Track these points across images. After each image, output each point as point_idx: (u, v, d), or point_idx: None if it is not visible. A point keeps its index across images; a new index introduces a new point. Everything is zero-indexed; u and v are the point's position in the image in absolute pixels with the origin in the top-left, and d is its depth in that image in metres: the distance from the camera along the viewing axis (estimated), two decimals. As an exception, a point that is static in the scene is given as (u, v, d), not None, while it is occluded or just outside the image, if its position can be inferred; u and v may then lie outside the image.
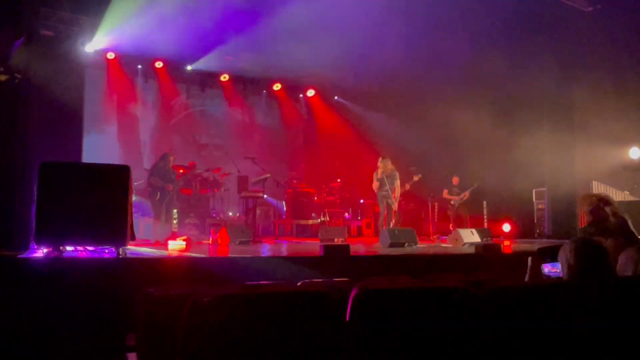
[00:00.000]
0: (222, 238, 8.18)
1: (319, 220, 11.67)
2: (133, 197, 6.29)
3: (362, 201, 13.05)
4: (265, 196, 10.52)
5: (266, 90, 13.56)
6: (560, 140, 10.92)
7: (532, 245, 7.63)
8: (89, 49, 10.22)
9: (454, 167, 11.87)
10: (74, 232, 5.24)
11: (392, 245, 8.01)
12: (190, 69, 11.75)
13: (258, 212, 10.38)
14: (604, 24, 9.51)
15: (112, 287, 4.59)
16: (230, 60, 12.08)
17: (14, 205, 5.90)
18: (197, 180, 10.70)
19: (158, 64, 11.54)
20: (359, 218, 13.01)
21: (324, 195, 12.24)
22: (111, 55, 10.80)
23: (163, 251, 6.69)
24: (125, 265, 5.15)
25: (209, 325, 2.05)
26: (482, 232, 9.29)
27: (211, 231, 8.58)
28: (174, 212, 9.33)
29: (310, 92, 13.74)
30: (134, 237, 5.88)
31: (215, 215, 10.96)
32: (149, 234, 9.03)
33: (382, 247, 8.15)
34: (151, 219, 9.03)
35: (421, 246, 8.51)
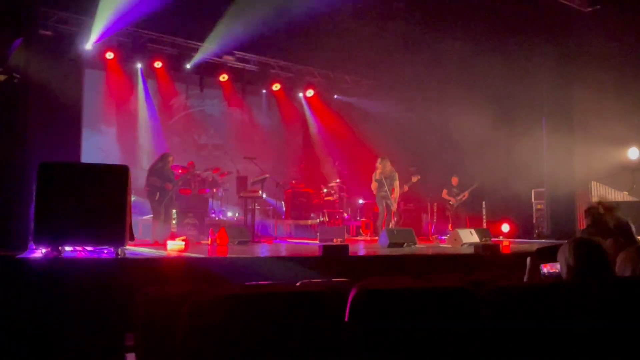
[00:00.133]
0: (221, 238, 8.18)
1: (318, 220, 11.67)
2: (132, 197, 6.29)
3: (361, 201, 13.04)
4: (264, 196, 10.51)
5: (265, 90, 13.54)
6: (559, 140, 10.92)
7: (531, 246, 7.64)
8: (89, 46, 10.17)
9: (453, 167, 11.88)
10: (73, 232, 5.23)
11: (391, 245, 8.01)
12: (189, 66, 11.70)
13: (257, 212, 10.37)
14: (603, 25, 9.51)
15: (111, 287, 4.59)
16: (230, 60, 12.09)
17: (12, 205, 5.91)
18: (196, 180, 10.68)
19: (157, 64, 11.52)
20: (358, 218, 13.00)
21: (323, 195, 12.22)
22: (110, 55, 10.78)
23: (162, 251, 6.69)
24: (124, 265, 5.15)
25: (208, 325, 2.05)
26: (481, 233, 9.29)
27: (210, 231, 8.58)
28: (173, 213, 9.33)
29: (310, 92, 13.73)
30: (133, 238, 5.87)
31: (214, 215, 10.95)
32: (148, 234, 9.04)
33: (381, 248, 8.15)
34: (150, 219, 9.02)
35: (420, 246, 8.51)
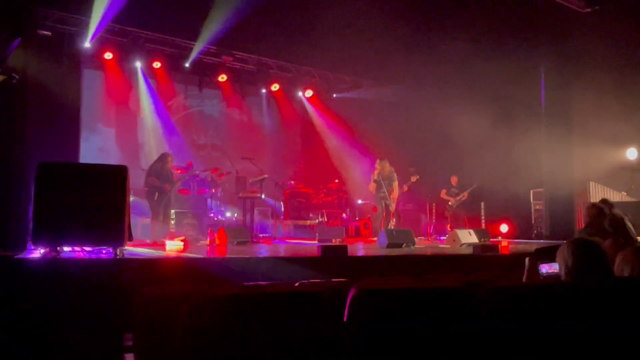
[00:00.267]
0: (220, 238, 8.18)
1: (316, 220, 11.67)
2: (131, 198, 6.28)
3: (360, 202, 13.04)
4: (263, 196, 10.51)
5: (264, 91, 13.54)
6: (558, 141, 10.94)
7: (530, 246, 7.64)
8: (86, 44, 10.14)
9: (452, 167, 11.88)
10: (72, 233, 5.22)
11: (390, 245, 8.01)
12: (187, 64, 11.66)
13: (256, 212, 10.36)
14: (601, 25, 9.52)
15: (109, 287, 4.59)
16: (229, 61, 12.08)
17: (11, 206, 5.90)
18: (195, 180, 10.67)
19: (156, 64, 11.51)
20: (356, 218, 13.00)
21: (322, 195, 12.23)
22: (109, 55, 10.77)
23: (161, 252, 6.68)
24: (122, 265, 5.15)
25: (206, 325, 2.05)
26: (480, 233, 9.29)
27: (209, 232, 8.58)
28: (172, 213, 9.32)
29: (309, 93, 13.73)
30: (131, 238, 5.87)
31: (213, 215, 10.94)
32: (146, 234, 9.02)
33: (380, 248, 8.15)
34: (149, 219, 9.02)
35: (419, 247, 8.51)
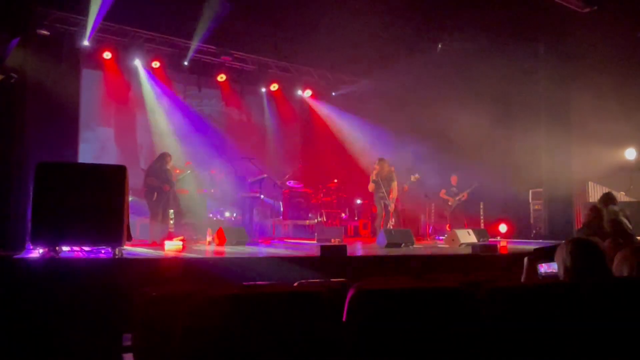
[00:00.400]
0: (219, 238, 8.18)
1: (315, 220, 11.67)
2: (130, 198, 6.28)
3: (359, 201, 13.05)
4: (262, 196, 10.50)
5: (264, 90, 13.52)
6: (557, 141, 10.95)
7: (529, 246, 7.64)
8: (85, 42, 10.12)
9: (451, 167, 11.89)
10: (70, 233, 5.22)
11: (389, 245, 8.01)
12: (186, 63, 11.64)
13: (255, 212, 10.36)
14: (600, 26, 9.53)
15: (108, 287, 4.58)
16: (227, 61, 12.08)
17: (9, 205, 5.89)
18: (193, 180, 10.67)
19: (155, 64, 11.50)
20: (355, 218, 13.01)
21: (321, 195, 12.23)
22: (108, 55, 10.77)
23: (159, 252, 6.68)
24: (121, 265, 5.15)
25: (205, 325, 2.05)
26: (479, 233, 9.30)
27: (208, 232, 8.57)
28: (171, 213, 9.31)
29: (308, 93, 13.73)
30: (130, 238, 5.87)
31: (212, 215, 10.94)
32: (145, 234, 9.01)
33: (379, 248, 8.15)
34: (148, 219, 9.01)
35: (418, 247, 8.52)
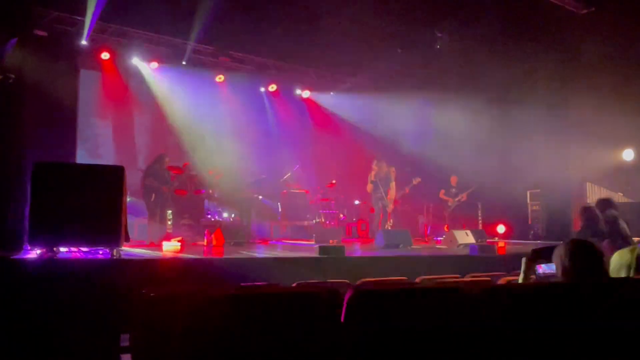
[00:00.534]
0: (217, 239, 8.17)
1: (314, 221, 11.66)
2: (127, 198, 6.27)
3: (357, 202, 13.04)
4: (260, 197, 10.50)
5: (261, 91, 13.51)
6: (554, 141, 10.96)
7: (527, 246, 7.65)
8: (83, 41, 10.12)
9: (450, 168, 11.89)
10: (68, 233, 5.21)
11: (387, 246, 8.02)
12: (184, 62, 11.62)
13: (253, 213, 10.35)
14: (598, 26, 9.55)
15: (106, 288, 4.58)
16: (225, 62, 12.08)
17: (7, 206, 5.88)
18: (192, 181, 10.66)
19: (153, 65, 11.49)
20: (354, 219, 13.00)
21: (319, 196, 12.22)
22: (106, 55, 10.76)
23: (157, 252, 6.67)
24: (119, 266, 5.14)
25: (204, 326, 2.05)
26: (477, 234, 9.31)
27: (206, 232, 8.56)
28: (169, 213, 9.30)
29: (306, 93, 13.73)
30: (128, 238, 5.86)
31: (210, 216, 10.93)
32: (143, 235, 9.01)
33: (377, 249, 8.16)
34: (146, 219, 9.00)
35: (416, 247, 8.52)
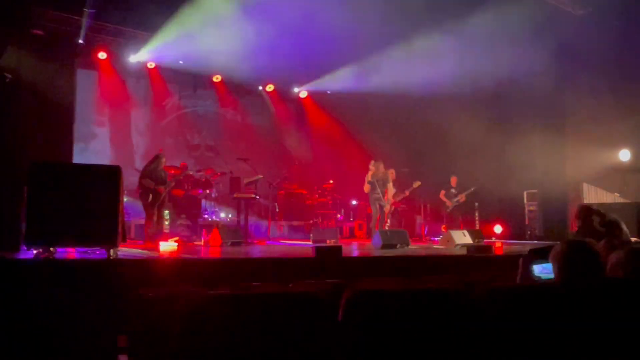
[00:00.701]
0: (214, 239, 8.15)
1: (311, 221, 11.66)
2: (124, 198, 6.27)
3: (354, 202, 13.05)
4: (257, 197, 10.49)
5: (259, 91, 13.50)
6: (551, 142, 10.99)
7: (524, 247, 7.67)
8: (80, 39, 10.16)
9: (447, 169, 11.90)
10: (65, 233, 5.20)
11: (385, 246, 8.02)
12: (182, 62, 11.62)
13: (250, 213, 10.35)
14: (595, 27, 9.58)
15: (102, 288, 4.56)
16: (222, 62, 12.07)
17: (3, 205, 5.86)
18: (189, 181, 10.64)
19: (150, 65, 11.48)
20: (351, 219, 13.01)
21: (316, 196, 12.22)
22: (103, 55, 10.75)
23: (154, 252, 6.66)
24: (116, 266, 5.12)
25: (200, 326, 2.05)
26: (474, 234, 9.32)
27: (203, 232, 8.55)
28: (166, 213, 9.29)
29: (303, 94, 13.73)
30: (125, 238, 5.85)
31: (207, 216, 10.92)
32: (140, 235, 8.99)
33: (374, 249, 8.16)
34: (142, 220, 8.98)
35: (413, 248, 8.53)
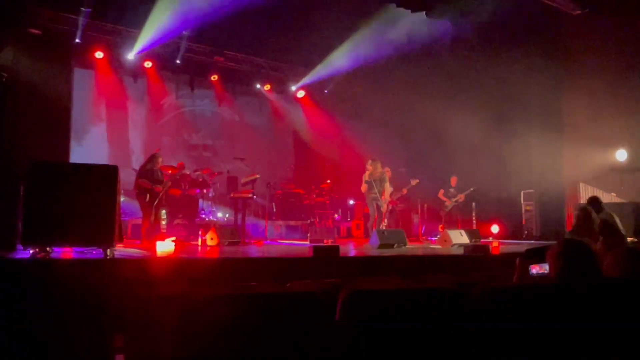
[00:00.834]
0: (211, 239, 8.15)
1: (308, 221, 11.66)
2: (121, 198, 6.25)
3: (351, 202, 13.05)
4: (254, 197, 10.48)
5: (257, 89, 13.49)
6: (548, 142, 11.00)
7: (520, 247, 7.68)
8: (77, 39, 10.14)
9: (445, 169, 11.90)
10: (61, 233, 5.19)
11: (382, 246, 8.02)
12: (179, 61, 11.59)
13: (247, 213, 10.34)
14: (592, 27, 9.60)
15: (99, 288, 4.56)
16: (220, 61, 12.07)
17: (0, 205, 5.85)
18: (186, 180, 10.63)
19: (147, 64, 11.46)
20: (348, 219, 13.01)
21: (314, 196, 12.22)
22: (100, 54, 10.72)
23: (151, 252, 6.65)
24: (112, 266, 5.12)
25: (197, 326, 2.04)
26: (471, 234, 9.32)
27: (200, 232, 8.54)
28: (163, 213, 9.27)
29: (301, 93, 13.73)
30: (121, 238, 5.84)
31: (204, 216, 10.90)
32: (137, 235, 8.97)
33: (371, 248, 8.16)
34: (139, 219, 8.97)
35: (410, 247, 8.53)
